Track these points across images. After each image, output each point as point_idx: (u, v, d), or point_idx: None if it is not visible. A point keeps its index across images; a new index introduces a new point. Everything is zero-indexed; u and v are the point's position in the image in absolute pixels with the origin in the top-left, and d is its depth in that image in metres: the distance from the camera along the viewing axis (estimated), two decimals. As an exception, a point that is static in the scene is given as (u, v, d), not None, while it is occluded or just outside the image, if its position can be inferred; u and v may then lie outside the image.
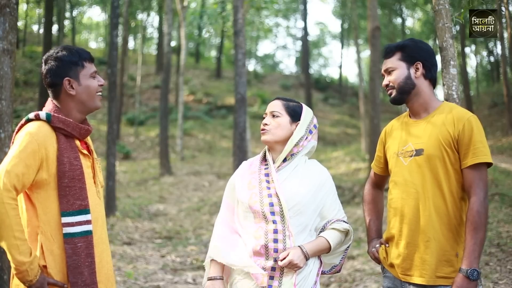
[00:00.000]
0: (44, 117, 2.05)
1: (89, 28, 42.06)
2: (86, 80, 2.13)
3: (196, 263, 6.23)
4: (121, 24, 19.49)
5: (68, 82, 2.09)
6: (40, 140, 1.99)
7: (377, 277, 5.10)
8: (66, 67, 2.09)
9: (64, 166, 2.02)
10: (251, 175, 2.29)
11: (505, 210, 6.76)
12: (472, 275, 1.99)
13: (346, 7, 27.62)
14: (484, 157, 2.07)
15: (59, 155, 2.02)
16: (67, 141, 2.07)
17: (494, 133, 16.62)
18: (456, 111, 2.17)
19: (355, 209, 8.85)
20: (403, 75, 2.24)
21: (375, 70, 10.50)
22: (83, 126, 2.13)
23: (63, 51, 2.12)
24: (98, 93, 2.18)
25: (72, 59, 2.10)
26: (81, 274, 2.00)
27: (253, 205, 2.19)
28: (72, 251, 2.00)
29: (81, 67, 2.12)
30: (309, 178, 2.25)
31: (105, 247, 2.16)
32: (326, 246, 2.21)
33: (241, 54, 8.10)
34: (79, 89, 2.11)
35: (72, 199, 2.02)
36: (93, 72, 2.16)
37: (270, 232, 2.15)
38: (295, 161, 2.28)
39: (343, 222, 2.27)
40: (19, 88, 18.63)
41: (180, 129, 16.53)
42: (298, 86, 30.40)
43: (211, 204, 10.16)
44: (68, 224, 2.01)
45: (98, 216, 2.13)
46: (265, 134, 2.29)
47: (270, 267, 2.13)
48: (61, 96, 2.12)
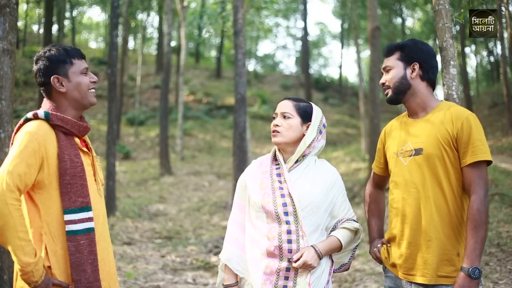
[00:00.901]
0: (43, 115, 2.05)
1: (89, 28, 42.08)
2: (76, 77, 2.12)
3: (196, 263, 6.23)
4: (121, 24, 19.50)
5: (57, 80, 2.09)
6: (40, 139, 1.99)
7: (377, 277, 5.10)
8: (54, 65, 2.09)
9: (65, 164, 2.01)
10: (263, 175, 2.29)
11: (505, 210, 6.76)
12: (473, 274, 1.99)
13: (346, 7, 27.61)
14: (483, 155, 2.07)
15: (59, 153, 2.02)
16: (67, 139, 2.07)
17: (494, 133, 16.61)
18: (454, 109, 2.17)
19: (355, 209, 8.85)
20: (399, 75, 2.24)
21: (375, 70, 10.49)
22: (81, 124, 2.13)
23: (51, 49, 2.12)
24: (91, 90, 2.17)
25: (60, 57, 2.10)
26: (84, 272, 2.00)
27: (266, 205, 2.19)
28: (75, 248, 2.00)
29: (69, 64, 2.11)
30: (320, 178, 2.26)
31: (107, 245, 2.16)
32: (338, 245, 2.23)
33: (241, 54, 8.10)
34: (69, 86, 2.10)
35: (74, 196, 2.02)
36: (84, 69, 2.15)
37: (284, 233, 2.15)
38: (306, 161, 2.29)
39: (353, 221, 2.29)
40: (19, 88, 18.64)
41: (180, 129, 16.53)
42: (298, 86, 30.40)
43: (211, 204, 10.17)
44: (71, 221, 2.00)
45: (99, 214, 2.13)
46: (276, 136, 2.28)
47: (284, 268, 2.14)
48: (53, 94, 2.12)
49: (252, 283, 2.18)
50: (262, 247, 2.18)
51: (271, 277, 2.16)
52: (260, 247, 2.19)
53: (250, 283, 2.20)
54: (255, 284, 2.16)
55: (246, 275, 2.22)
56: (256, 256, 2.20)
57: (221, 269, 2.35)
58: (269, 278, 2.16)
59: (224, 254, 2.30)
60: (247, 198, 2.30)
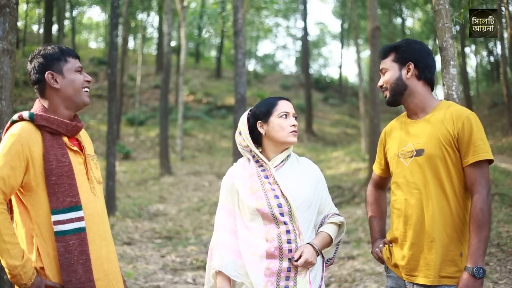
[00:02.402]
0: (27, 116, 2.04)
1: (89, 28, 42.07)
2: (70, 74, 2.11)
3: (196, 263, 6.23)
4: (121, 24, 19.50)
5: (52, 76, 2.08)
6: (23, 140, 1.98)
7: (377, 277, 5.10)
8: (48, 63, 2.09)
9: (50, 164, 2.00)
10: (251, 178, 2.26)
11: (505, 210, 6.76)
12: (478, 273, 1.99)
13: (346, 7, 27.61)
14: (485, 154, 2.06)
15: (45, 153, 2.00)
16: (54, 139, 2.05)
17: (494, 133, 16.61)
18: (454, 109, 2.16)
19: (355, 209, 8.85)
20: (394, 76, 2.24)
21: (375, 70, 10.49)
22: (69, 123, 2.10)
23: (46, 48, 2.13)
24: (85, 89, 2.16)
25: (54, 55, 2.10)
26: (74, 272, 1.97)
27: (261, 208, 2.17)
28: (64, 249, 1.97)
29: (64, 61, 2.11)
30: (307, 175, 2.28)
31: (104, 244, 2.12)
32: (329, 240, 2.25)
33: (241, 54, 8.10)
34: (63, 83, 2.09)
35: (62, 196, 2.00)
36: (78, 67, 2.14)
37: (283, 233, 2.15)
38: (290, 159, 2.31)
39: (337, 215, 2.32)
40: (19, 88, 18.63)
41: (180, 129, 16.53)
42: (298, 86, 30.40)
43: (211, 204, 10.16)
44: (59, 222, 1.98)
45: (93, 213, 2.10)
46: (296, 136, 2.28)
47: (286, 268, 2.14)
48: (46, 92, 2.11)
49: (253, 286, 2.15)
50: (261, 249, 2.16)
51: (272, 278, 2.15)
52: (258, 249, 2.16)
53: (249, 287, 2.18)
54: (256, 287, 2.15)
55: (243, 280, 2.19)
56: (254, 259, 2.17)
57: (212, 277, 2.28)
58: (270, 280, 2.15)
59: (217, 261, 2.22)
60: (237, 202, 2.27)
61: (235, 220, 2.28)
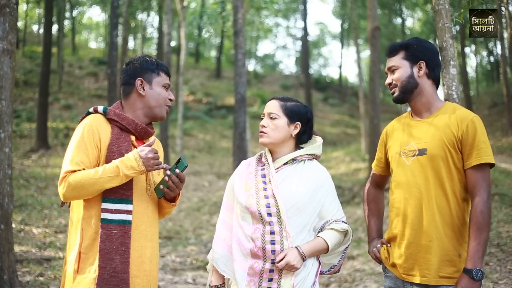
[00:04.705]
0: (101, 110, 2.20)
1: (89, 28, 42.06)
2: (158, 87, 2.24)
3: (196, 263, 6.23)
4: (121, 24, 19.51)
5: (140, 83, 2.21)
6: (94, 129, 2.12)
7: (377, 277, 5.10)
8: (142, 70, 2.23)
9: (113, 154, 2.11)
10: (248, 176, 2.28)
11: (505, 210, 6.77)
12: (476, 275, 1.99)
13: (346, 7, 27.60)
14: (488, 157, 2.07)
15: (110, 144, 2.13)
16: (121, 134, 2.17)
17: (494, 133, 16.62)
18: (460, 112, 2.17)
19: (355, 209, 8.86)
20: (406, 74, 2.24)
21: (375, 70, 10.50)
22: (139, 123, 2.21)
23: (144, 58, 2.27)
24: (167, 105, 2.27)
25: (150, 66, 2.24)
26: (111, 260, 2.03)
27: (250, 207, 2.18)
28: (106, 236, 2.04)
29: (156, 74, 2.24)
30: (308, 177, 2.24)
31: (150, 245, 2.18)
32: (324, 247, 2.19)
33: (241, 54, 8.10)
34: (149, 92, 2.22)
35: (116, 187, 2.07)
36: (167, 84, 2.27)
37: (267, 233, 2.14)
38: (297, 162, 2.28)
39: (342, 222, 2.25)
40: (19, 88, 18.61)
41: (180, 129, 16.52)
42: (298, 86, 30.40)
43: (211, 204, 10.16)
44: (107, 210, 2.07)
45: (143, 212, 2.17)
46: (263, 137, 2.28)
47: (268, 269, 2.12)
48: (131, 95, 2.24)
49: (236, 284, 2.16)
50: (247, 247, 2.17)
51: (254, 278, 2.14)
52: (244, 248, 2.17)
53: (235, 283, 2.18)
54: (239, 285, 2.15)
55: (231, 276, 2.20)
56: (241, 257, 2.18)
57: (209, 270, 2.34)
58: (252, 280, 2.14)
59: (211, 254, 2.30)
60: (235, 198, 2.29)
61: (232, 216, 2.31)
